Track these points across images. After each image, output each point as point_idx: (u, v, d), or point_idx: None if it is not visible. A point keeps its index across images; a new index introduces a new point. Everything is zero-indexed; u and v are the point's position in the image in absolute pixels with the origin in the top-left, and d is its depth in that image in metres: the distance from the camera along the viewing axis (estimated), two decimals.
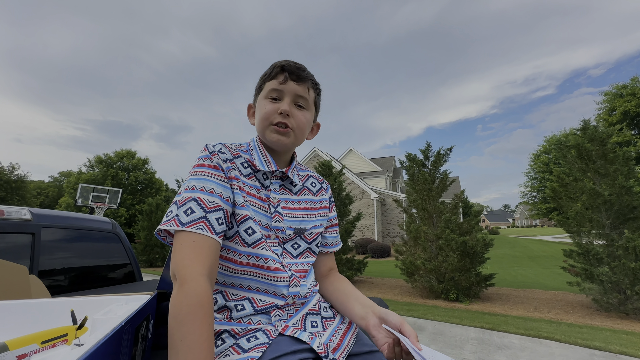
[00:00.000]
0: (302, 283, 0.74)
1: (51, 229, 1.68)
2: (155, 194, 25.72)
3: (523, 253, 13.42)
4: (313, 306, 0.76)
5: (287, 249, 0.76)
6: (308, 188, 0.86)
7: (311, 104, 0.79)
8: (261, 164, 0.76)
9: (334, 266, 0.92)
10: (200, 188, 0.66)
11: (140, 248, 11.85)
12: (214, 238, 0.63)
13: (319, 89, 0.82)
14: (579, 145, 5.04)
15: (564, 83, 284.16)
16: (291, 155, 0.86)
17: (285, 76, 0.74)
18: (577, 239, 5.00)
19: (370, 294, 6.18)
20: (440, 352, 0.58)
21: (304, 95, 0.76)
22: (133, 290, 1.74)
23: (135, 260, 2.14)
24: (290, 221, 0.77)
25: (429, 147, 6.52)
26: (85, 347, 0.41)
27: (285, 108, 0.73)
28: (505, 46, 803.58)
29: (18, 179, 25.54)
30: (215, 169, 0.69)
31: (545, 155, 28.98)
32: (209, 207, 0.64)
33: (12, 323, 0.63)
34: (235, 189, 0.71)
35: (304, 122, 0.77)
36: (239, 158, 0.75)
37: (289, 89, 0.75)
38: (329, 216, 0.90)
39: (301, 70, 0.76)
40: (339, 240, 0.94)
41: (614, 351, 3.13)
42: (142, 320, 0.68)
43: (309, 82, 0.77)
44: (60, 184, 41.77)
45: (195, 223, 0.62)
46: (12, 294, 0.84)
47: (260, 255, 0.70)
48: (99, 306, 0.70)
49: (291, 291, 0.71)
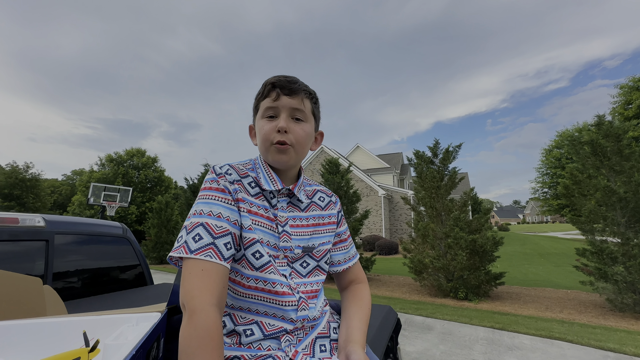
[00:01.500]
0: (311, 305, 0.74)
1: (64, 235, 1.71)
2: (165, 191, 26.09)
3: (534, 250, 13.21)
4: (322, 329, 0.75)
5: (296, 268, 0.76)
6: (316, 203, 0.85)
7: (309, 115, 0.78)
8: (267, 183, 0.76)
9: (353, 278, 0.90)
10: (208, 213, 0.66)
11: (151, 245, 12.06)
12: (222, 264, 0.63)
13: (315, 97, 0.81)
14: (593, 142, 4.90)
15: (578, 75, 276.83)
16: (298, 171, 0.85)
17: (277, 92, 0.74)
18: (590, 237, 4.89)
19: (379, 292, 6.17)
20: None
21: (300, 108, 0.75)
22: (144, 295, 1.77)
23: (145, 263, 2.17)
24: (299, 240, 0.77)
25: (437, 144, 6.43)
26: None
27: (282, 125, 0.73)
28: (516, 38, 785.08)
29: (33, 177, 26.19)
30: (222, 192, 0.69)
31: (557, 150, 28.28)
32: (217, 233, 0.64)
33: (27, 343, 0.64)
34: (243, 212, 0.70)
35: (302, 136, 0.76)
36: (247, 177, 0.75)
37: (283, 104, 0.74)
38: (336, 231, 0.88)
39: (292, 83, 0.75)
40: (353, 254, 0.92)
41: (629, 353, 3.06)
42: (153, 341, 0.68)
43: (302, 94, 0.76)
44: (73, 182, 42.70)
45: (203, 250, 0.62)
46: (27, 307, 0.86)
47: (268, 280, 0.69)
48: (110, 326, 0.71)
49: (300, 315, 0.71)
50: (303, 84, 0.78)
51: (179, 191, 26.71)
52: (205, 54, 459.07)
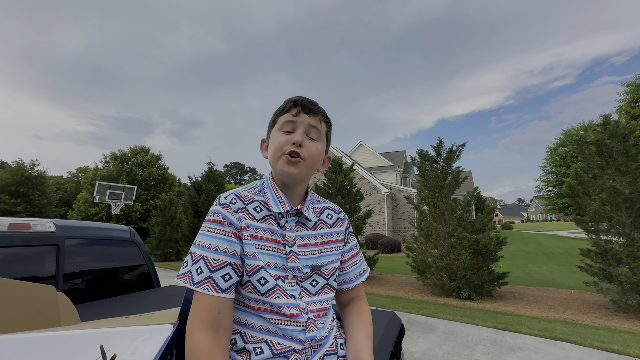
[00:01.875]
0: (319, 326, 0.75)
1: (74, 239, 1.75)
2: (169, 189, 26.26)
3: (537, 249, 13.15)
4: (330, 345, 0.77)
5: (306, 287, 0.78)
6: (324, 221, 0.87)
7: (323, 136, 0.81)
8: (275, 205, 0.78)
9: (356, 295, 0.91)
10: (208, 246, 0.71)
11: (155, 243, 12.17)
12: (218, 296, 0.69)
13: (329, 122, 0.84)
14: (599, 142, 4.86)
15: (584, 72, 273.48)
16: (305, 189, 0.86)
17: (298, 109, 0.77)
18: (594, 237, 4.87)
19: (382, 290, 6.20)
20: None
21: (317, 126, 0.78)
22: (152, 299, 1.80)
23: (152, 265, 2.21)
24: (306, 259, 0.78)
25: (441, 143, 6.41)
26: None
27: (298, 138, 0.75)
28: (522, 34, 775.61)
29: (38, 174, 26.43)
30: (221, 224, 0.73)
31: (562, 148, 28.01)
32: (214, 266, 0.70)
33: (44, 356, 0.67)
34: (246, 239, 0.73)
35: (315, 153, 0.78)
36: (252, 203, 0.78)
37: (302, 120, 0.77)
38: (344, 249, 0.89)
39: (313, 104, 0.79)
40: (362, 270, 0.93)
41: (632, 355, 3.06)
42: (167, 355, 0.71)
43: (320, 115, 0.79)
44: (78, 179, 43.09)
45: (202, 283, 0.69)
46: (42, 317, 0.89)
47: (275, 304, 0.72)
48: (125, 339, 0.74)
49: (308, 336, 0.73)
50: (322, 108, 0.82)
51: (182, 189, 26.87)
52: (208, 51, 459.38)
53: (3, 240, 1.44)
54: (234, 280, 0.71)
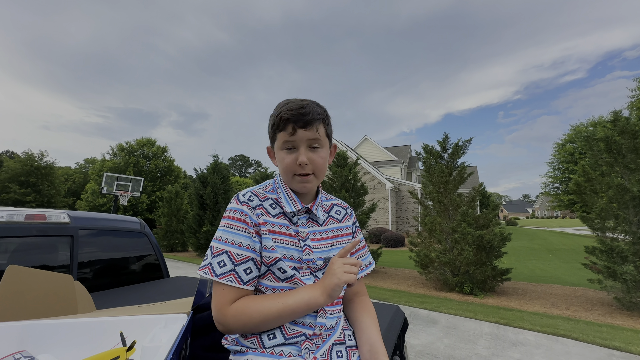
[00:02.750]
0: (329, 315, 0.80)
1: (87, 230, 1.80)
2: (175, 181, 26.50)
3: (542, 246, 13.10)
4: (338, 336, 0.81)
5: (319, 277, 0.83)
6: (333, 217, 0.92)
7: (324, 140, 0.83)
8: (288, 204, 0.83)
9: (359, 290, 0.96)
10: (231, 242, 0.76)
11: (161, 234, 12.37)
12: (241, 287, 0.75)
13: (327, 118, 0.84)
14: (608, 138, 4.79)
15: (596, 66, 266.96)
16: (316, 189, 0.90)
17: (293, 127, 0.78)
18: (600, 235, 4.84)
19: (384, 284, 6.25)
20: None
21: (315, 137, 0.80)
22: (162, 289, 1.86)
23: (161, 256, 2.27)
24: (320, 252, 0.84)
25: (447, 138, 6.37)
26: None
27: (302, 159, 0.79)
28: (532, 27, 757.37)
29: (47, 165, 26.83)
30: (243, 223, 0.78)
31: (570, 144, 27.60)
32: (238, 261, 0.75)
33: (65, 341, 0.71)
34: (265, 233, 0.78)
35: (321, 163, 0.82)
36: (267, 200, 0.83)
37: (300, 137, 0.78)
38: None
39: (305, 115, 0.78)
40: (368, 262, 0.97)
41: (634, 352, 3.07)
42: (183, 343, 0.75)
43: (315, 123, 0.79)
44: (85, 170, 43.66)
45: (225, 275, 0.74)
46: (60, 304, 0.94)
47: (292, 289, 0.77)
48: (143, 327, 0.78)
49: (318, 321, 0.77)
50: (315, 108, 0.80)
51: (188, 181, 27.12)
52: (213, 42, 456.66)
53: (20, 230, 1.50)
54: (254, 274, 0.76)
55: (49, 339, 0.71)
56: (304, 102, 0.81)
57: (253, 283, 0.77)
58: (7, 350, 0.65)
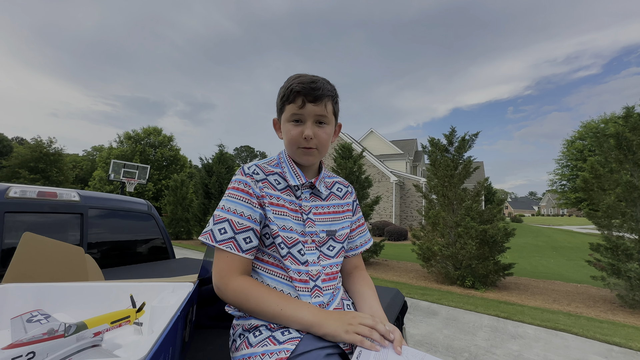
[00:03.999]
0: (326, 291, 0.82)
1: (96, 209, 1.85)
2: (180, 170, 26.72)
3: (546, 243, 13.02)
4: (337, 305, 0.83)
5: (324, 251, 0.85)
6: (335, 193, 0.95)
7: (330, 117, 0.84)
8: (292, 178, 0.85)
9: (358, 264, 0.99)
10: (233, 211, 0.78)
11: (167, 222, 12.54)
12: (241, 255, 0.76)
13: (335, 97, 0.86)
14: (619, 134, 4.70)
15: (611, 62, 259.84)
16: (319, 164, 0.93)
17: (303, 100, 0.79)
18: (606, 232, 4.80)
19: (386, 276, 6.30)
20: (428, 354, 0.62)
21: (323, 113, 0.81)
22: (168, 268, 1.91)
23: (168, 238, 2.33)
24: (322, 225, 0.86)
25: (454, 132, 6.31)
26: (156, 334, 0.50)
27: (308, 133, 0.80)
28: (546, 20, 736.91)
29: (56, 152, 27.22)
30: (247, 194, 0.79)
31: (580, 142, 27.11)
32: (238, 229, 0.77)
33: (81, 301, 0.74)
34: (267, 206, 0.80)
35: (326, 138, 0.84)
36: (272, 175, 0.85)
37: (309, 111, 0.80)
38: (352, 219, 0.97)
39: (316, 90, 0.79)
40: (367, 239, 1.02)
41: (634, 348, 3.07)
42: (189, 307, 0.78)
43: (325, 99, 0.81)
44: (93, 157, 44.22)
45: (225, 242, 0.76)
46: (72, 273, 0.98)
47: (290, 267, 0.79)
48: (151, 291, 0.81)
49: (314, 301, 0.79)
50: (325, 85, 0.82)
51: (193, 170, 27.32)
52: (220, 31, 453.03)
53: (33, 206, 1.55)
54: (253, 244, 0.78)
55: (63, 300, 0.75)
56: (316, 77, 0.82)
57: (252, 252, 0.78)
58: (25, 308, 0.69)
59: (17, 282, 0.78)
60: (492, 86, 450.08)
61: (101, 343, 0.60)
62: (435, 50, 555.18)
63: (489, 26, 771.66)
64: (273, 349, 0.68)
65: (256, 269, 0.83)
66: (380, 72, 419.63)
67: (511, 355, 2.86)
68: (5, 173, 24.74)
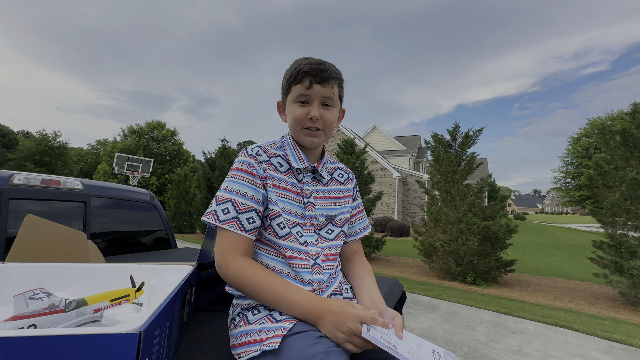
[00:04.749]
0: (325, 270, 0.83)
1: (99, 198, 1.87)
2: (183, 164, 26.86)
3: (549, 241, 12.96)
4: (336, 287, 0.84)
5: (322, 234, 0.86)
6: (336, 179, 0.95)
7: (336, 100, 0.85)
8: (295, 161, 0.85)
9: (357, 250, 1.00)
10: (237, 191, 0.78)
11: (170, 215, 12.63)
12: (243, 235, 0.77)
13: (341, 81, 0.86)
14: (625, 131, 4.65)
15: (620, 58, 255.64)
16: (322, 149, 0.93)
17: (311, 81, 0.79)
18: (610, 230, 4.76)
19: (387, 271, 6.32)
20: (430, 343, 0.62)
21: (330, 96, 0.81)
22: (170, 257, 1.93)
23: (170, 228, 2.35)
24: (322, 209, 0.87)
25: (457, 127, 6.27)
26: (152, 308, 0.51)
27: (314, 114, 0.80)
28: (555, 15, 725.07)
29: (61, 145, 27.46)
30: (250, 174, 0.80)
31: (585, 139, 26.84)
32: (241, 209, 0.77)
33: (82, 281, 0.76)
34: (269, 187, 0.81)
35: (331, 120, 0.84)
36: (275, 157, 0.85)
37: (315, 92, 0.80)
38: (352, 205, 0.98)
39: (324, 71, 0.79)
40: (366, 226, 1.03)
41: (635, 345, 3.07)
42: (187, 288, 0.79)
43: (332, 81, 0.81)
44: (97, 151, 44.55)
45: (229, 222, 0.76)
46: (74, 256, 0.99)
47: (289, 247, 0.80)
48: (151, 273, 0.82)
49: (315, 278, 0.80)
50: (332, 68, 0.82)
51: (196, 165, 27.44)
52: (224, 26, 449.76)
53: (36, 193, 1.57)
54: (256, 224, 0.79)
55: (64, 279, 0.77)
56: (323, 61, 0.82)
57: (254, 232, 0.79)
58: (27, 286, 0.70)
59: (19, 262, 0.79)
60: (497, 82, 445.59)
61: (101, 319, 0.62)
62: (440, 46, 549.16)
63: (496, 21, 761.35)
64: (270, 327, 0.69)
65: (257, 251, 0.83)
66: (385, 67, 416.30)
67: (510, 350, 2.86)
68: (11, 166, 25.01)
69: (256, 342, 0.68)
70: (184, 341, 0.79)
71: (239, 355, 0.70)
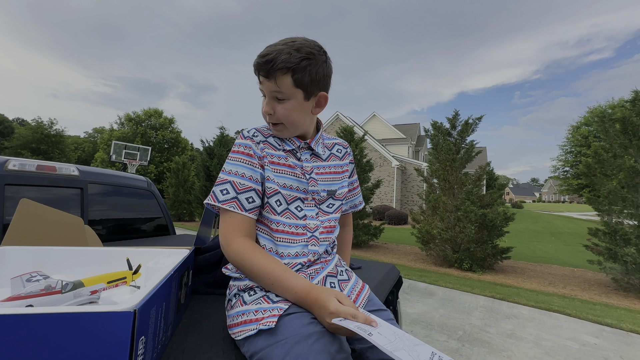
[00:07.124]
0: (322, 242, 0.85)
1: (96, 184, 1.87)
2: (182, 152, 26.74)
3: (545, 228, 13.10)
4: (332, 269, 0.86)
5: (323, 208, 0.89)
6: (335, 154, 0.97)
7: (288, 93, 0.77)
8: (286, 143, 0.87)
9: (346, 222, 1.10)
10: (235, 173, 0.80)
11: (169, 204, 12.66)
12: (244, 214, 0.78)
13: (297, 68, 0.75)
14: (625, 119, 4.63)
15: (625, 45, 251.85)
16: (315, 126, 0.93)
17: (259, 75, 0.78)
18: (605, 217, 4.81)
19: (385, 258, 6.40)
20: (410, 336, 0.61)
21: (274, 89, 0.77)
22: (168, 243, 1.94)
23: (168, 215, 2.35)
24: (323, 184, 0.89)
25: (457, 115, 6.23)
26: (148, 288, 0.51)
27: (264, 110, 0.82)
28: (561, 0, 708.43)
29: (57, 133, 27.20)
30: (247, 156, 0.81)
31: (585, 127, 26.76)
32: (240, 189, 0.79)
33: (79, 264, 0.76)
34: (267, 165, 0.82)
35: (285, 114, 0.80)
36: (271, 137, 0.86)
37: (265, 87, 0.80)
38: (350, 179, 1.03)
39: (267, 63, 0.74)
40: (360, 201, 1.10)
41: (625, 329, 3.15)
42: (184, 270, 0.80)
43: (276, 74, 0.74)
44: (94, 139, 44.23)
45: (228, 202, 0.78)
46: (72, 240, 0.99)
47: (286, 222, 0.82)
48: (149, 256, 0.83)
49: (310, 249, 0.82)
50: (281, 56, 0.73)
51: (195, 153, 27.32)
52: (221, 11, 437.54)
53: (32, 179, 1.56)
54: (256, 203, 0.80)
55: (61, 262, 0.77)
56: (275, 48, 0.75)
57: (255, 212, 0.80)
58: (24, 269, 0.71)
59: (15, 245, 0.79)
60: (499, 70, 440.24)
61: (98, 301, 0.62)
62: (442, 32, 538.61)
63: (498, 6, 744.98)
64: (266, 307, 0.70)
65: None
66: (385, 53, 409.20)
67: (504, 334, 2.94)
68: (8, 154, 24.83)
69: (252, 321, 0.69)
70: (181, 322, 0.81)
71: (235, 334, 0.71)
